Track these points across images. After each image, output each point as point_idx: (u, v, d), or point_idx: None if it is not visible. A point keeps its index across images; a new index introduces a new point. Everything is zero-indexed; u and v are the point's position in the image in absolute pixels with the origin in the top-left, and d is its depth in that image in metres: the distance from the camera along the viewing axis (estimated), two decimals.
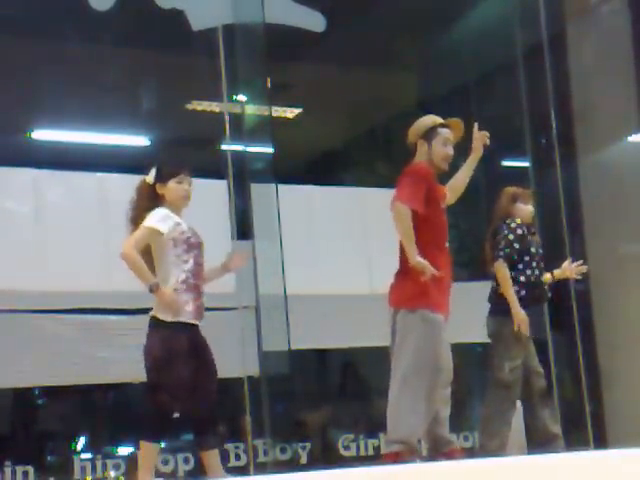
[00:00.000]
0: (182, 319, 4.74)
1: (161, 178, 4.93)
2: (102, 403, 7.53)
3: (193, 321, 4.78)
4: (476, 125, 5.18)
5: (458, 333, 5.32)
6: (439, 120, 5.03)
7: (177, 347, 4.69)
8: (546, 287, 5.95)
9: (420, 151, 4.99)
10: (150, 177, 4.96)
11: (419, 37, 8.46)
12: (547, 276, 6.07)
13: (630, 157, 8.29)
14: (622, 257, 8.18)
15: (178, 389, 4.67)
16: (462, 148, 5.12)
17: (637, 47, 8.36)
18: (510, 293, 5.69)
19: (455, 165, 5.13)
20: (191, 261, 4.82)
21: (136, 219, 4.87)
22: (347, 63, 8.16)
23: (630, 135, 8.45)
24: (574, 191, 8.24)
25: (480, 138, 5.20)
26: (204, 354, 4.83)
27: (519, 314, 5.66)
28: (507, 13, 8.04)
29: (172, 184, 4.91)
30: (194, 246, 4.85)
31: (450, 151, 4.98)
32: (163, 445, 5.43)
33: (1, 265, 6.11)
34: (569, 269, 6.15)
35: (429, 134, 4.97)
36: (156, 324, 4.75)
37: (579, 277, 6.26)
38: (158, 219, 4.78)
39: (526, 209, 5.94)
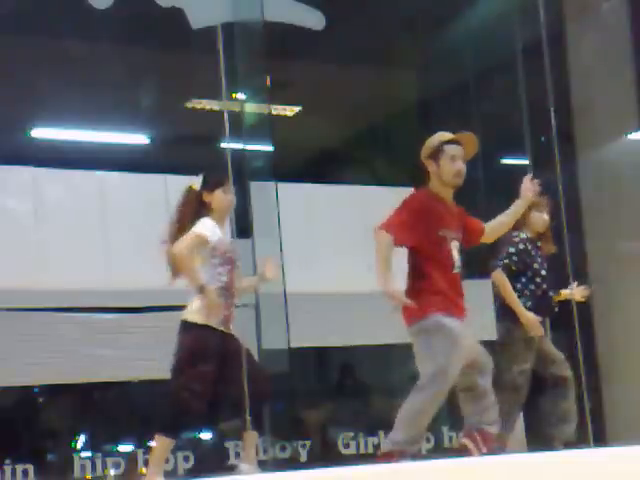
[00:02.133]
0: (211, 323, 4.89)
1: (208, 186, 5.06)
2: (102, 401, 7.53)
3: (220, 327, 4.93)
4: (529, 175, 5.07)
5: None
6: (446, 137, 4.88)
7: (203, 347, 4.86)
8: (554, 302, 5.94)
9: (431, 171, 4.89)
10: (197, 184, 5.08)
11: (419, 36, 8.45)
12: (564, 292, 6.08)
13: (630, 155, 8.29)
14: (622, 256, 8.17)
15: (200, 388, 4.82)
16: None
17: (636, 45, 8.35)
18: (513, 299, 5.68)
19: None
20: (225, 274, 4.98)
21: (180, 222, 5.02)
22: (347, 61, 8.15)
23: (629, 133, 8.44)
24: (573, 189, 8.23)
25: (530, 188, 5.03)
26: (237, 357, 4.99)
27: (528, 318, 5.66)
28: (507, 11, 8.03)
29: (219, 193, 5.04)
30: (228, 261, 5.02)
31: (458, 166, 4.81)
32: None
33: (0, 263, 6.11)
34: (575, 291, 6.13)
35: (435, 153, 4.85)
36: (186, 326, 4.92)
37: (583, 300, 6.26)
38: (207, 228, 4.93)
39: (541, 217, 5.92)
